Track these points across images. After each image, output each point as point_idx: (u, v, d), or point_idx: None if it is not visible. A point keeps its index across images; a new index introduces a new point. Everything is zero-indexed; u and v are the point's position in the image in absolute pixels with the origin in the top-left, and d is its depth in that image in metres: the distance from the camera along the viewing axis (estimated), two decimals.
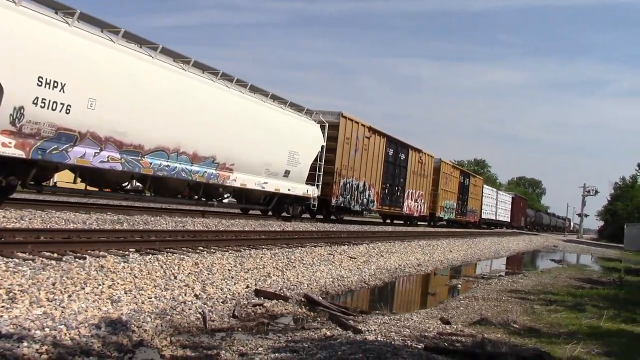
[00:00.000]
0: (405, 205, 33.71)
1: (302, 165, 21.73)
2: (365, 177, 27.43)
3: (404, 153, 32.89)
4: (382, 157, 29.63)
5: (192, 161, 16.09)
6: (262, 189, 19.60)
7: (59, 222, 11.07)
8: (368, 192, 28.05)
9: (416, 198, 35.52)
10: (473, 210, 51.70)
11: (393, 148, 31.09)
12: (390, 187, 31.08)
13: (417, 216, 36.80)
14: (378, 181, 29.16)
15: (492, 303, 10.98)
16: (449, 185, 42.95)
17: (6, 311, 5.34)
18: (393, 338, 6.56)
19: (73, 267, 7.11)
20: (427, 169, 37.36)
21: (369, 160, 27.73)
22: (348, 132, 25.01)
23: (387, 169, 30.36)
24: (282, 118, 20.54)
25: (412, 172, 34.22)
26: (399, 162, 32.27)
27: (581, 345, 6.80)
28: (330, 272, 11.78)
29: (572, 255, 38.49)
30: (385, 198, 30.67)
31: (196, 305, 7.29)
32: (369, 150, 27.51)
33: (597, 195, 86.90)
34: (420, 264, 17.02)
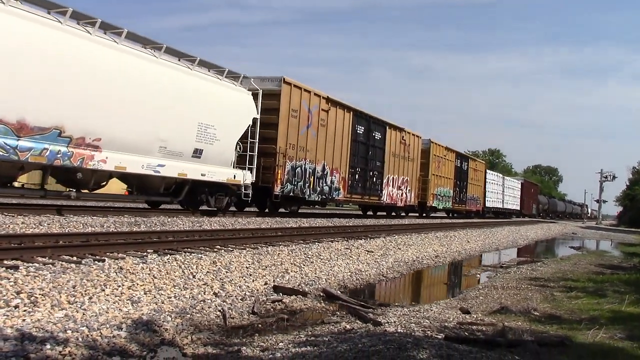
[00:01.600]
0: (385, 193, 28.77)
1: (223, 143, 17.00)
2: (325, 160, 22.73)
3: (379, 131, 27.84)
4: (349, 136, 24.81)
5: (18, 133, 11.36)
6: (157, 173, 14.84)
7: (77, 226, 11.18)
8: (330, 178, 23.29)
9: (399, 185, 30.63)
10: (474, 197, 46.54)
11: (364, 125, 26.22)
12: (361, 171, 26.25)
13: (402, 206, 31.79)
14: (344, 165, 24.49)
15: (512, 291, 10.91)
16: (443, 169, 37.64)
17: (28, 315, 5.41)
18: (413, 329, 6.55)
19: (92, 269, 7.18)
20: (413, 151, 32.32)
21: (329, 138, 22.93)
22: (295, 103, 20.33)
23: (356, 149, 25.58)
24: (185, 80, 15.55)
25: (391, 155, 29.21)
26: (373, 143, 27.26)
27: (603, 330, 6.74)
28: (348, 267, 11.78)
29: (591, 241, 38.14)
30: (356, 185, 25.85)
31: (215, 303, 7.33)
32: (328, 126, 22.81)
33: (614, 180, 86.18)
34: (438, 256, 16.96)
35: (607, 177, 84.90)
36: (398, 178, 30.39)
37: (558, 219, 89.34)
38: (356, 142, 25.58)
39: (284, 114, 19.75)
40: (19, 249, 7.67)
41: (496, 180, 55.46)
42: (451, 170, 39.52)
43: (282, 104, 19.62)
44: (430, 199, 35.23)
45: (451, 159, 39.59)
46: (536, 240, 33.31)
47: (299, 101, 20.62)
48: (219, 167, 17.06)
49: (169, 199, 16.54)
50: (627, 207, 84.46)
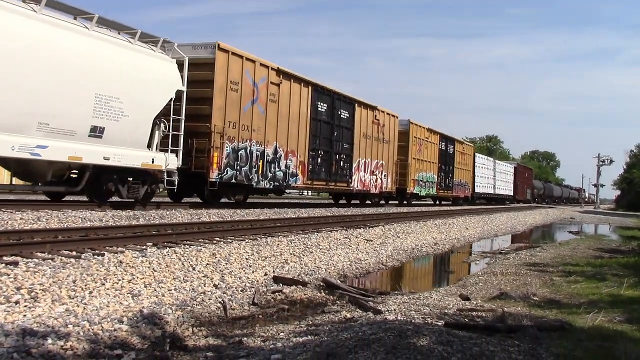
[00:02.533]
0: (356, 179, 25.97)
1: (133, 119, 13.85)
2: (277, 141, 19.88)
3: (346, 110, 24.94)
4: (308, 114, 21.81)
5: None
6: (37, 157, 11.84)
7: (76, 221, 11.17)
8: (285, 162, 20.44)
9: (373, 170, 27.72)
10: (462, 183, 43.48)
11: (326, 102, 23.29)
12: (325, 155, 23.29)
13: (377, 193, 28.91)
14: (302, 147, 21.54)
15: (511, 277, 10.95)
16: (425, 153, 34.60)
17: (29, 310, 5.42)
18: (413, 317, 6.57)
19: (92, 264, 7.18)
20: (389, 133, 29.36)
21: (282, 116, 20.06)
22: (235, 74, 17.55)
23: (317, 130, 22.57)
24: (78, 42, 12.63)
25: (362, 136, 26.40)
26: (339, 122, 24.28)
27: (602, 314, 6.77)
28: (347, 256, 11.81)
29: (589, 226, 38.26)
30: (318, 170, 22.81)
31: (216, 295, 7.34)
32: (280, 102, 19.93)
33: (612, 164, 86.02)
34: (437, 243, 17.00)
35: (605, 161, 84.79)
36: (371, 162, 27.46)
37: (555, 204, 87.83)
38: (317, 120, 22.56)
39: (220, 86, 16.99)
40: (18, 245, 7.67)
41: (486, 165, 52.47)
42: (435, 153, 36.56)
43: (217, 75, 16.83)
44: (410, 185, 32.30)
45: (434, 141, 36.49)
46: (534, 226, 33.39)
47: (240, 72, 17.80)
48: (130, 150, 13.95)
49: (63, 188, 13.68)
50: (624, 190, 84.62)
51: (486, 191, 51.82)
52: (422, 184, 34.34)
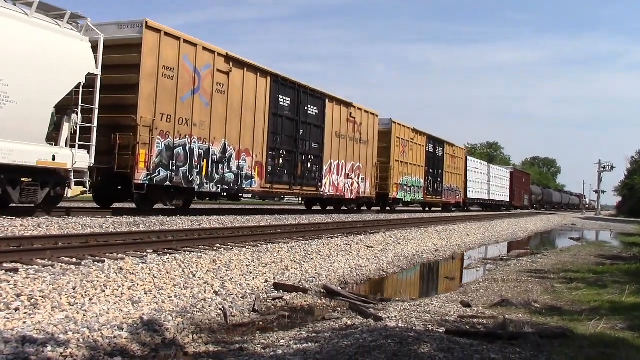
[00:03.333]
0: (327, 182, 23.51)
1: (23, 107, 11.41)
2: (227, 138, 17.50)
3: (315, 105, 22.55)
4: (267, 108, 19.47)
5: None
6: None
7: (76, 228, 11.17)
8: (237, 163, 18.02)
9: (348, 173, 25.29)
10: (453, 188, 40.79)
11: (290, 95, 20.91)
12: (288, 155, 20.88)
13: (353, 198, 26.30)
14: (260, 146, 19.15)
15: (512, 284, 10.92)
16: (410, 155, 32.08)
17: (29, 317, 5.40)
18: (414, 324, 6.55)
19: (92, 270, 7.17)
20: (368, 132, 27.04)
21: (232, 110, 17.70)
22: (169, 58, 15.17)
23: (277, 127, 20.14)
24: None
25: (335, 135, 24.01)
26: (306, 119, 21.89)
27: (604, 321, 6.75)
28: (348, 262, 11.79)
29: (591, 232, 38.18)
30: (279, 172, 20.40)
31: (216, 301, 7.32)
32: (230, 93, 17.57)
33: (613, 171, 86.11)
34: (437, 250, 16.97)
35: (606, 167, 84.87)
36: (346, 164, 25.06)
37: (554, 210, 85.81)
38: (278, 116, 20.16)
39: (149, 71, 14.57)
40: (18, 252, 7.67)
41: (480, 169, 49.63)
42: (421, 156, 33.96)
43: (145, 58, 14.46)
44: (393, 190, 29.68)
45: (421, 142, 33.90)
46: (536, 232, 33.33)
47: (176, 56, 15.45)
48: (19, 144, 11.47)
49: None
50: (626, 197, 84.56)
51: (480, 197, 49.36)
52: (407, 189, 31.92)
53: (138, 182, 14.37)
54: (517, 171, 69.60)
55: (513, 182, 61.71)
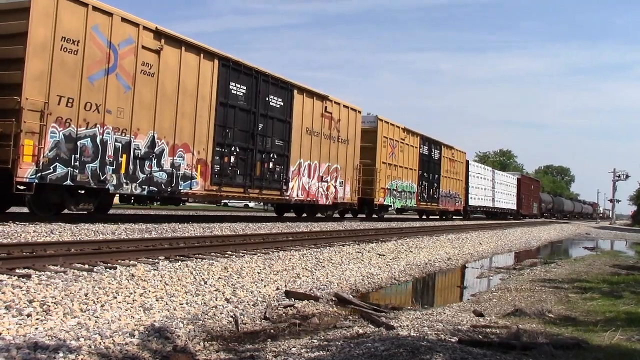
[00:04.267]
0: (294, 186, 20.81)
1: None
2: (157, 130, 14.63)
3: (279, 96, 19.79)
4: (212, 96, 16.68)
5: None
6: None
7: (89, 234, 11.22)
8: (171, 160, 15.17)
9: (322, 175, 22.52)
10: (452, 194, 37.88)
11: (245, 83, 18.07)
12: (242, 152, 18.06)
13: (329, 204, 23.44)
14: (204, 140, 16.40)
15: (526, 293, 10.81)
16: (400, 157, 29.34)
17: (41, 323, 5.42)
18: (426, 333, 6.50)
19: (104, 277, 7.19)
20: (348, 131, 24.37)
21: (164, 97, 14.86)
22: (72, 28, 12.55)
23: (228, 119, 17.35)
24: None
25: (305, 132, 21.34)
26: (267, 111, 19.13)
27: (620, 332, 6.65)
28: (359, 270, 11.74)
29: (605, 241, 37.79)
30: (231, 172, 17.57)
31: (227, 309, 7.31)
32: (162, 77, 14.71)
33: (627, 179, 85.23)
34: (450, 258, 16.87)
35: (620, 176, 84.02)
36: (319, 165, 22.23)
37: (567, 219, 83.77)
38: (229, 107, 17.35)
39: (40, 43, 11.93)
40: (31, 258, 7.70)
41: (483, 174, 46.47)
42: (414, 158, 31.33)
43: (34, 26, 11.82)
44: (379, 195, 26.95)
45: (414, 144, 31.22)
46: (549, 241, 33.05)
47: (82, 26, 12.78)
48: None
49: None
50: None
51: (483, 204, 46.36)
52: (397, 194, 29.00)
53: (22, 180, 11.70)
54: (525, 177, 66.54)
55: (520, 189, 59.02)
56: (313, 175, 21.92)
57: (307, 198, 21.64)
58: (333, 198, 23.30)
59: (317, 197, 22.19)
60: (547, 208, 77.32)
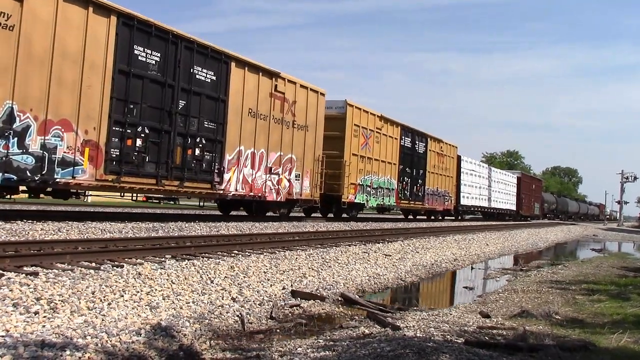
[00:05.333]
0: (233, 179, 17.28)
1: None
2: (16, 100, 11.47)
3: (210, 69, 16.22)
4: (107, 62, 13.27)
5: None
6: None
7: (96, 232, 11.27)
8: (43, 141, 12.00)
9: (272, 166, 18.95)
10: (440, 192, 34.27)
11: (158, 49, 14.46)
12: (155, 135, 14.48)
13: (282, 201, 19.72)
14: (93, 117, 13.02)
15: (532, 295, 10.78)
16: (376, 149, 25.85)
17: (48, 321, 5.44)
18: (432, 333, 6.49)
19: (111, 275, 7.22)
20: (308, 116, 20.69)
21: (33, 58, 11.78)
22: None
23: (132, 92, 13.77)
24: None
25: (249, 114, 17.75)
26: (192, 85, 15.56)
27: (627, 334, 6.61)
28: (366, 270, 11.73)
29: (613, 243, 37.62)
30: (138, 159, 14.03)
31: (234, 308, 7.32)
32: (26, 31, 11.60)
33: (635, 181, 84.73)
34: (456, 259, 16.83)
35: (628, 178, 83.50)
36: (267, 154, 18.67)
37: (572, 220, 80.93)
38: (135, 77, 13.85)
39: None
40: (38, 256, 7.73)
41: (477, 171, 42.55)
42: (394, 151, 27.79)
43: None
44: (348, 192, 23.35)
45: (393, 134, 27.65)
46: (557, 243, 32.92)
47: None
48: None
49: None
50: None
51: (477, 204, 42.55)
52: (372, 191, 25.67)
53: None
54: (526, 176, 62.53)
55: (521, 189, 55.19)
56: (259, 166, 18.39)
57: (251, 193, 18.09)
58: (287, 194, 19.84)
59: (264, 192, 18.66)
60: (550, 209, 74.01)
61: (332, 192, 22.68)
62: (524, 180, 56.98)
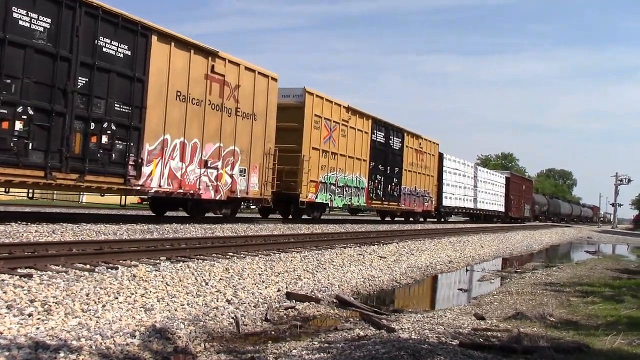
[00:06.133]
0: (157, 173, 14.64)
1: None
2: None
3: (120, 41, 13.55)
4: None
5: None
6: None
7: (90, 234, 11.24)
8: None
9: (208, 159, 16.33)
10: (418, 192, 31.74)
11: (47, 13, 11.95)
12: (42, 117, 11.94)
13: (222, 200, 17.11)
14: None
15: (527, 297, 10.81)
16: (343, 143, 23.45)
17: (42, 323, 5.42)
18: (427, 335, 6.49)
19: (106, 277, 7.20)
20: (255, 103, 18.08)
21: None
22: None
23: (7, 63, 11.21)
24: None
25: (177, 98, 15.16)
26: (94, 60, 12.94)
27: (621, 336, 6.64)
28: (361, 272, 11.73)
29: (607, 246, 37.74)
30: (17, 146, 11.42)
31: (228, 310, 7.31)
32: None
33: (630, 183, 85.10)
34: (451, 261, 16.86)
35: (623, 180, 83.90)
36: (203, 146, 16.09)
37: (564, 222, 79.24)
38: (9, 45, 11.24)
39: None
40: (32, 257, 7.71)
41: (462, 170, 40.17)
42: (363, 146, 25.42)
43: None
44: (308, 190, 20.86)
45: (363, 128, 25.32)
46: (551, 245, 33.02)
47: None
48: None
49: None
50: None
51: (462, 205, 40.22)
52: (337, 190, 23.21)
53: None
54: (516, 177, 59.69)
55: (509, 189, 52.60)
56: (191, 158, 15.74)
57: (180, 190, 15.39)
58: (228, 191, 17.23)
59: (198, 188, 15.99)
60: (541, 210, 71.84)
61: (290, 191, 20.37)
62: (513, 180, 54.76)
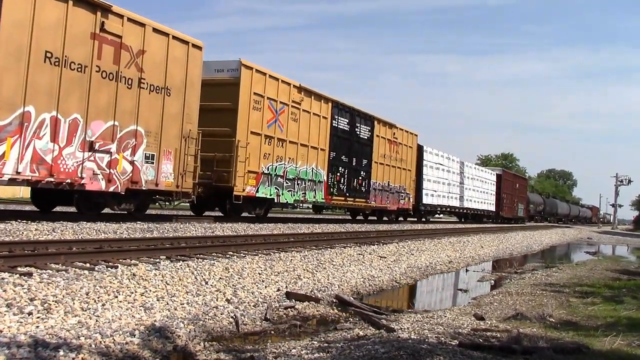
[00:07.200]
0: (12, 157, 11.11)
1: None
2: None
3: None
4: None
5: None
6: None
7: (90, 233, 11.24)
8: None
9: (95, 141, 12.87)
10: (391, 188, 28.30)
11: None
12: None
13: (117, 192, 13.66)
14: None
15: (527, 297, 10.81)
16: (294, 129, 20.22)
17: (42, 321, 5.42)
18: (427, 336, 6.49)
19: (105, 276, 7.20)
20: (168, 74, 14.82)
21: None
22: None
23: None
24: None
25: (44, 61, 11.66)
26: None
27: (621, 337, 6.64)
28: (360, 272, 11.73)
29: (607, 246, 37.74)
30: None
31: (228, 309, 7.31)
32: None
33: (630, 184, 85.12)
34: (451, 261, 16.86)
35: (623, 181, 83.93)
36: (87, 124, 12.69)
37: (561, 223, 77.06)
38: None
39: None
40: (32, 256, 7.71)
41: (446, 165, 36.64)
42: (321, 133, 21.96)
43: None
44: (245, 183, 17.69)
45: (320, 112, 21.90)
46: (551, 245, 33.01)
47: None
48: None
49: None
50: None
51: (446, 203, 36.78)
52: (286, 184, 19.92)
53: None
54: (508, 174, 55.38)
55: (501, 187, 49.00)
56: (69, 138, 12.35)
57: (50, 177, 12.00)
58: (128, 182, 13.92)
59: (79, 177, 12.63)
60: (537, 210, 68.40)
61: (222, 183, 17.28)
62: (505, 178, 50.97)
